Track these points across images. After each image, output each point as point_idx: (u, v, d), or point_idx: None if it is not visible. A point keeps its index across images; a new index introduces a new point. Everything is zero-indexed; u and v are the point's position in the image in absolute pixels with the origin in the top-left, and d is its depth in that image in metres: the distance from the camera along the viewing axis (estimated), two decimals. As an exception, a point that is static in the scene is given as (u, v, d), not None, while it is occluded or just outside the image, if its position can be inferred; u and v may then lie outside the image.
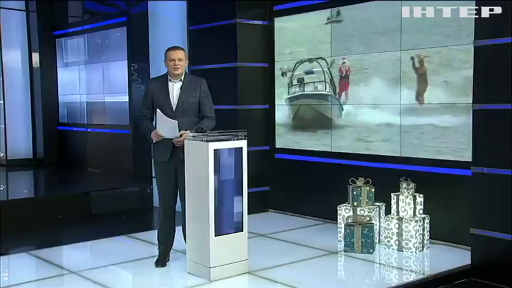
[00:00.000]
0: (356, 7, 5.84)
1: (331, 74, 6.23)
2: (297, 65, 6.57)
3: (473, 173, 4.52)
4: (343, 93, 6.12)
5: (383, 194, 5.26)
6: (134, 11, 8.20)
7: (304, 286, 4.22)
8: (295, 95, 6.62)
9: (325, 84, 6.30)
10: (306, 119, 6.56)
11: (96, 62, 9.26)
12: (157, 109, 4.34)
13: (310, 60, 6.47)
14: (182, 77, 4.49)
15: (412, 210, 4.93)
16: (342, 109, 6.13)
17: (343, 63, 6.10)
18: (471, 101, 4.60)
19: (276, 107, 6.71)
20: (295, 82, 6.62)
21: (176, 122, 4.27)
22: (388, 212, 5.21)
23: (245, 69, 6.53)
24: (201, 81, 4.56)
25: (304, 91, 6.56)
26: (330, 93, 6.27)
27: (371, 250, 4.92)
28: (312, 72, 6.47)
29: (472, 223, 4.53)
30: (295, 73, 6.58)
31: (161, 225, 4.65)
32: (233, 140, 4.25)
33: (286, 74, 6.71)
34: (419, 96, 5.40)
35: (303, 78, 6.56)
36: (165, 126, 4.32)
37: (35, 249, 5.25)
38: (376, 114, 5.80)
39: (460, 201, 4.96)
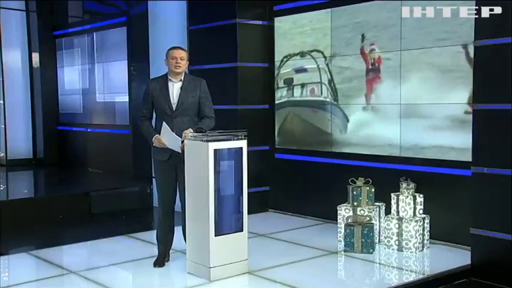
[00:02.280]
0: (359, 6, 5.75)
1: (330, 72, 5.35)
2: (284, 60, 5.66)
3: (473, 173, 4.52)
4: (370, 92, 5.04)
5: (383, 194, 5.26)
6: (134, 11, 8.19)
7: (304, 286, 4.22)
8: (280, 101, 5.71)
9: (322, 86, 5.45)
10: (294, 133, 5.73)
11: (96, 62, 9.26)
12: (164, 122, 4.34)
13: (301, 54, 5.48)
14: (182, 77, 4.50)
15: (412, 210, 4.93)
16: (347, 121, 5.35)
17: (372, 50, 5.08)
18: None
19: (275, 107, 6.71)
20: (281, 84, 5.66)
21: (181, 139, 4.28)
22: (388, 212, 5.20)
23: (245, 69, 6.52)
24: (201, 81, 4.56)
25: (293, 96, 5.66)
26: (328, 99, 5.34)
27: (371, 250, 4.92)
28: (304, 70, 5.50)
29: (472, 223, 4.53)
30: (281, 71, 5.69)
31: (160, 224, 4.65)
32: (233, 140, 4.25)
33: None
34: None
35: (291, 79, 5.63)
36: (169, 139, 4.32)
37: (35, 249, 5.25)
38: (407, 126, 4.92)
39: (460, 201, 4.96)
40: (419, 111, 4.92)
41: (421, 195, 5.00)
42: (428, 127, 4.87)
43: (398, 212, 4.99)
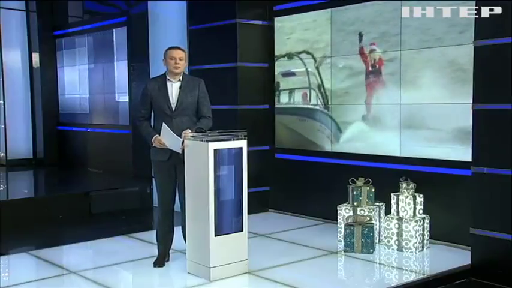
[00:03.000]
0: (359, 6, 5.75)
1: (320, 76, 5.08)
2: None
3: (473, 173, 4.52)
4: (370, 97, 4.66)
5: (383, 194, 5.26)
6: (134, 11, 8.20)
7: (304, 286, 4.22)
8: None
9: (311, 92, 5.20)
10: (281, 144, 5.55)
11: (96, 62, 9.26)
12: (163, 123, 4.33)
13: (289, 56, 5.18)
14: (181, 77, 4.50)
15: (412, 210, 4.93)
16: (340, 131, 5.15)
17: (372, 51, 4.76)
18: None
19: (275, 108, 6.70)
20: None
21: (182, 139, 4.28)
22: (388, 212, 5.20)
23: (245, 69, 6.52)
24: (200, 81, 4.57)
25: (279, 102, 5.47)
26: (317, 107, 5.07)
27: (371, 250, 4.92)
28: (292, 74, 5.22)
29: (472, 223, 4.53)
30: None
31: (160, 225, 4.65)
32: (233, 140, 4.25)
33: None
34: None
35: (277, 83, 5.41)
36: (170, 140, 4.32)
37: (35, 249, 5.25)
38: (411, 137, 4.66)
39: (460, 201, 4.96)
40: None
41: (421, 195, 5.00)
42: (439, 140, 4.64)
43: (398, 212, 4.99)
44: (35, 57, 10.08)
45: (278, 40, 6.11)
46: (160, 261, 4.59)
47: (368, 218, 5.06)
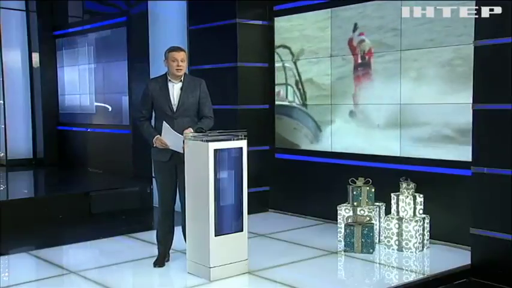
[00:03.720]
0: (357, 6, 5.75)
1: (298, 71, 4.99)
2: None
3: (473, 173, 4.52)
4: (357, 92, 4.48)
5: (383, 194, 5.26)
6: (134, 11, 8.20)
7: (304, 286, 4.22)
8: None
9: (287, 88, 5.14)
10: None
11: (96, 62, 9.26)
12: (164, 121, 4.34)
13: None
14: (182, 78, 4.50)
15: (412, 210, 4.93)
16: (320, 130, 5.14)
17: (361, 41, 4.61)
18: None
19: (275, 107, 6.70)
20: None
21: (183, 137, 4.27)
22: (388, 212, 5.20)
23: (245, 69, 6.52)
24: (201, 81, 4.57)
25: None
26: (295, 104, 4.94)
27: (371, 250, 4.92)
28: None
29: (472, 223, 4.53)
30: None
31: (160, 225, 4.65)
32: (233, 140, 4.25)
33: None
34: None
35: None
36: (171, 139, 4.32)
37: (35, 249, 5.25)
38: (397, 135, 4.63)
39: (460, 201, 4.96)
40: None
41: (421, 195, 5.00)
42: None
43: (398, 212, 4.99)
44: (35, 57, 10.08)
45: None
46: (160, 261, 4.59)
47: (368, 218, 5.06)
